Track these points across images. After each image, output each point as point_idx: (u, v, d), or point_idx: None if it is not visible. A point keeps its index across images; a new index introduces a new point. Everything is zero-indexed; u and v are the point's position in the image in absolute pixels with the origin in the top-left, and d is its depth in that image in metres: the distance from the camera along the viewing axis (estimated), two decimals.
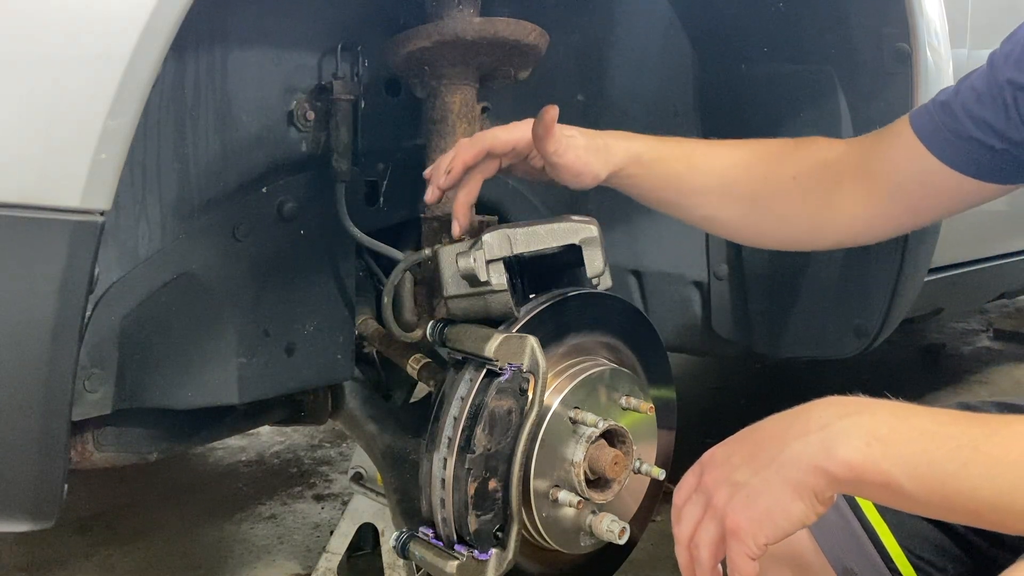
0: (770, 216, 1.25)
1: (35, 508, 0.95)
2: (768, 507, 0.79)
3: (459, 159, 1.16)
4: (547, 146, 1.16)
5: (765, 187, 1.23)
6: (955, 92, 1.12)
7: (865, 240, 1.27)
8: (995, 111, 1.06)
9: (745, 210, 1.26)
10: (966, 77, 1.12)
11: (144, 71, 0.86)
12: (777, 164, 1.24)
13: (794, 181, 1.22)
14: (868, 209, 1.19)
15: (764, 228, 1.28)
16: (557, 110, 1.13)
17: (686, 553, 0.85)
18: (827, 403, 0.82)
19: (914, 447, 0.76)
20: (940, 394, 3.41)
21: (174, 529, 2.34)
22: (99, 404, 1.16)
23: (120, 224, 1.16)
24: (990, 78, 1.07)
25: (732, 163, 1.25)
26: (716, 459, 0.86)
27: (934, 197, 1.16)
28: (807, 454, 0.78)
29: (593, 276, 1.19)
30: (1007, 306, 4.58)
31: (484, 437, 1.05)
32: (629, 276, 1.91)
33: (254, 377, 1.32)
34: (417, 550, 1.10)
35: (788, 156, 1.25)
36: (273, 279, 1.33)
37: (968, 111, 1.09)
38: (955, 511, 0.77)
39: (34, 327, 0.87)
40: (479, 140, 1.18)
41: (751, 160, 1.25)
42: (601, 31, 1.74)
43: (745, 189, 1.24)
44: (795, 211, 1.23)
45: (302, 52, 1.32)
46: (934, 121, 1.13)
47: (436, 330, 1.16)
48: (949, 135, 1.12)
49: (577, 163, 1.18)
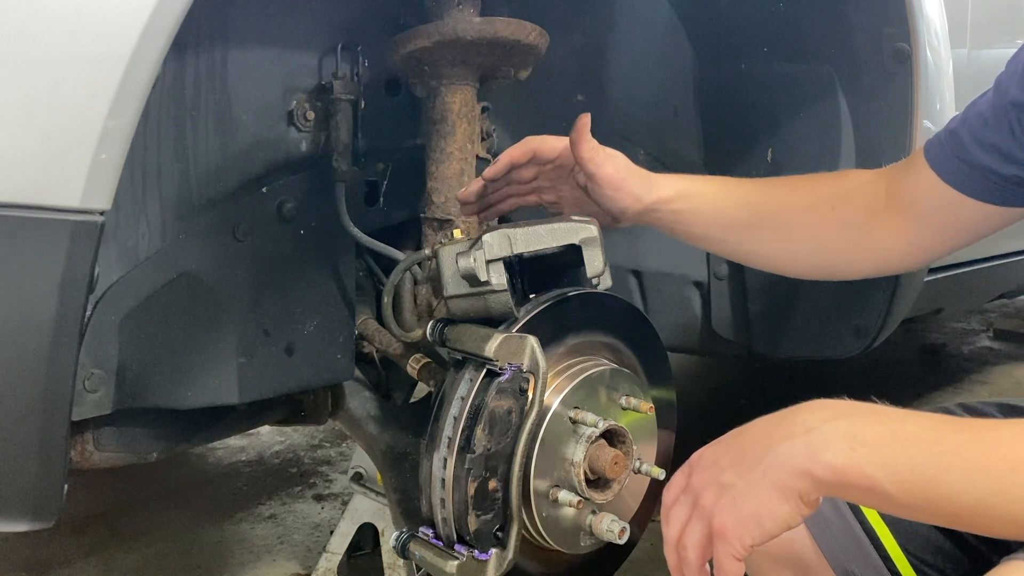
0: (812, 247, 1.26)
1: (35, 508, 0.95)
2: (754, 509, 0.80)
3: (506, 155, 1.23)
4: (582, 151, 1.18)
5: (808, 218, 1.24)
6: (963, 119, 1.12)
7: (903, 268, 1.28)
8: (1002, 134, 1.05)
9: (789, 243, 1.27)
10: (974, 103, 1.11)
11: (144, 71, 0.86)
12: (817, 196, 1.25)
13: (833, 212, 1.23)
14: (902, 238, 1.19)
15: (807, 260, 1.28)
16: (589, 117, 1.17)
17: (674, 553, 0.86)
18: (813, 406, 0.83)
19: (898, 452, 0.77)
20: (940, 394, 3.41)
21: (174, 529, 2.34)
22: (99, 404, 1.16)
23: (120, 224, 1.16)
24: (996, 102, 1.07)
25: (774, 197, 1.26)
26: (704, 460, 0.87)
27: (960, 224, 1.16)
28: (792, 457, 0.79)
29: (593, 276, 1.19)
30: (1007, 306, 4.57)
31: (484, 437, 1.05)
32: (629, 276, 1.91)
33: (254, 377, 1.32)
34: (417, 550, 1.10)
35: (826, 188, 1.26)
36: (273, 279, 1.33)
37: (975, 136, 1.08)
38: (937, 515, 0.79)
39: (34, 327, 0.87)
40: (527, 141, 1.24)
41: (792, 193, 1.26)
42: (601, 31, 1.74)
43: (788, 221, 1.25)
44: (835, 241, 1.24)
45: (302, 52, 1.32)
46: (944, 150, 1.13)
47: (436, 330, 1.16)
48: (960, 163, 1.11)
49: (615, 177, 1.19)
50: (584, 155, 1.18)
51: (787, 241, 1.26)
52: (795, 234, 1.25)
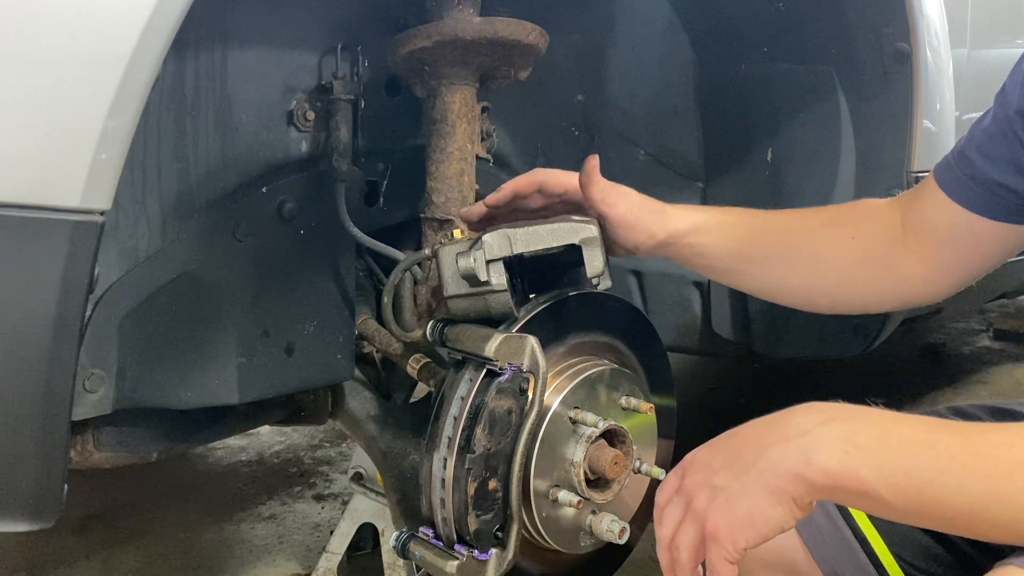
0: (836, 280, 1.22)
1: (35, 508, 0.95)
2: (747, 512, 0.80)
3: (511, 184, 1.22)
4: (592, 193, 1.16)
5: (829, 249, 1.21)
6: (969, 138, 1.09)
7: (927, 299, 1.23)
8: (1010, 147, 1.03)
9: (810, 274, 1.23)
10: (978, 121, 1.09)
11: (144, 71, 0.86)
12: (835, 228, 1.22)
13: (854, 242, 1.19)
14: (922, 267, 1.16)
15: (831, 294, 1.24)
16: (598, 158, 1.15)
17: (667, 554, 0.86)
18: (807, 409, 0.83)
19: (892, 456, 0.77)
20: (940, 394, 3.41)
21: (174, 529, 2.34)
22: (99, 404, 1.16)
23: (120, 224, 1.16)
24: (999, 115, 1.04)
25: (795, 228, 1.23)
26: (697, 462, 0.87)
27: (979, 247, 1.12)
28: (786, 460, 0.79)
29: (593, 276, 1.19)
30: (1007, 306, 4.57)
31: (484, 437, 1.05)
32: (629, 276, 1.91)
33: (254, 377, 1.32)
34: (417, 550, 1.10)
35: (845, 218, 1.23)
36: (273, 279, 1.33)
37: (983, 153, 1.06)
38: (931, 519, 0.79)
39: (34, 327, 0.87)
40: (535, 173, 1.23)
41: (812, 224, 1.24)
42: (601, 31, 1.75)
43: (809, 253, 1.22)
44: (857, 272, 1.20)
45: (302, 52, 1.32)
46: (954, 172, 1.10)
47: (436, 330, 1.16)
48: (971, 183, 1.08)
49: (628, 215, 1.17)
50: (595, 196, 1.16)
51: (811, 275, 1.23)
52: (819, 267, 1.22)
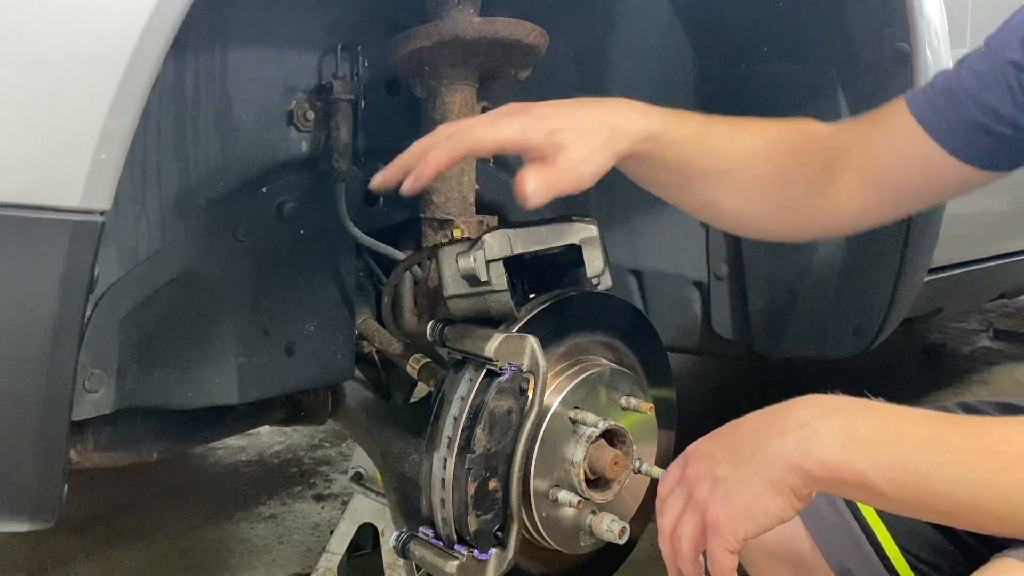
0: (772, 204, 1.17)
1: (35, 508, 0.95)
2: (747, 503, 0.81)
3: (432, 163, 0.99)
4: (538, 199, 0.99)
5: (775, 173, 1.15)
6: (955, 76, 1.06)
7: (846, 232, 1.22)
8: (1000, 94, 1.01)
9: (749, 197, 1.16)
10: (962, 60, 1.07)
11: (144, 71, 0.86)
12: (788, 150, 1.16)
13: (798, 168, 1.14)
14: (858, 200, 1.13)
15: (763, 216, 1.19)
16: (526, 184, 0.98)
17: (669, 544, 0.87)
18: (807, 402, 0.83)
19: (890, 448, 0.77)
20: (940, 394, 3.41)
21: (174, 529, 2.34)
22: (99, 404, 1.16)
23: (120, 224, 1.16)
24: (990, 60, 1.02)
25: (749, 147, 1.16)
26: (699, 453, 0.88)
27: (930, 186, 1.10)
28: (785, 452, 0.80)
29: (593, 276, 1.19)
30: (1007, 306, 4.57)
31: (484, 437, 1.05)
32: (629, 276, 1.91)
33: (254, 377, 1.32)
34: (417, 550, 1.10)
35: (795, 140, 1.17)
36: (273, 279, 1.33)
37: (972, 96, 1.03)
38: (929, 511, 0.79)
39: (34, 327, 0.87)
40: (460, 141, 1.01)
41: (766, 146, 1.16)
42: (601, 31, 1.74)
43: (756, 177, 1.15)
44: (795, 200, 1.16)
45: (302, 52, 1.32)
46: (936, 108, 1.07)
47: (436, 330, 1.16)
48: (954, 121, 1.05)
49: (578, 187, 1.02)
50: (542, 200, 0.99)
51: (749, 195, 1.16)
52: (760, 189, 1.15)
